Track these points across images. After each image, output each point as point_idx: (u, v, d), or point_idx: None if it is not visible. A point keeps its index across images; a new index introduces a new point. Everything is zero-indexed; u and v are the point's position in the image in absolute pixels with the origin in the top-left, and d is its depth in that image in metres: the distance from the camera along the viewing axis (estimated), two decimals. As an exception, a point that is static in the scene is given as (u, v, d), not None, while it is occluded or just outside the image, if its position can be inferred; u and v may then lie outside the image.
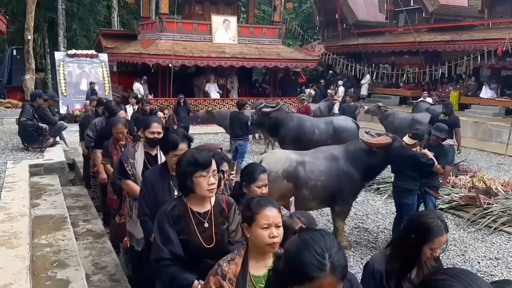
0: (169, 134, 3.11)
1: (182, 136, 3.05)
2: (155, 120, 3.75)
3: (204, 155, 2.44)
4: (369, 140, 5.32)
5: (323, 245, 1.39)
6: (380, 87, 20.22)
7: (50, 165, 7.20)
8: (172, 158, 2.94)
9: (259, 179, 2.97)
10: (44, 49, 23.30)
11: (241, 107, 8.97)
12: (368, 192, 7.70)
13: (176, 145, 2.95)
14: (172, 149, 2.96)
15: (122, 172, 3.67)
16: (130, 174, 3.63)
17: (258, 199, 2.04)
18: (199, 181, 2.39)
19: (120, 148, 4.77)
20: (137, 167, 3.61)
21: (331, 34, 23.74)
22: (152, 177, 3.05)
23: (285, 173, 5.00)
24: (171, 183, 2.98)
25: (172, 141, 2.98)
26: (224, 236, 2.49)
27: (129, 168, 3.62)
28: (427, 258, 2.28)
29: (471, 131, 13.47)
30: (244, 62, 15.45)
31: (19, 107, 13.16)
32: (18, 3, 20.30)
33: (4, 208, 4.80)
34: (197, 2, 16.69)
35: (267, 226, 1.94)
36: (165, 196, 2.92)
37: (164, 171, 3.06)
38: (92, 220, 5.66)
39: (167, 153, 3.01)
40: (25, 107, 8.22)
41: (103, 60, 14.96)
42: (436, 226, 2.23)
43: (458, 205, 6.89)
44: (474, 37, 15.81)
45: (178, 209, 2.47)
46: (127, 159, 3.66)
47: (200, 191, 2.41)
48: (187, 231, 2.44)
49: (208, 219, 2.47)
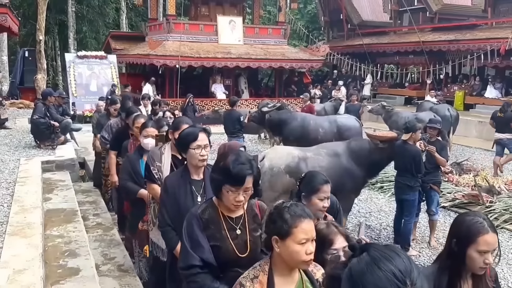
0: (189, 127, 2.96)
1: (200, 127, 2.92)
2: (186, 121, 3.42)
3: (241, 171, 2.15)
4: (374, 134, 5.38)
5: (402, 267, 1.13)
6: (385, 87, 20.27)
7: (61, 161, 7.33)
8: (195, 150, 2.73)
9: (321, 190, 2.61)
10: (54, 51, 23.65)
11: (233, 104, 9.08)
12: (372, 190, 7.76)
13: (196, 135, 2.76)
14: (193, 140, 2.74)
15: (148, 175, 3.42)
16: (156, 178, 3.35)
17: (293, 208, 1.79)
18: (227, 194, 2.19)
19: None
20: (163, 170, 3.33)
21: (336, 34, 23.86)
22: (172, 182, 2.81)
23: (288, 169, 5.08)
24: (193, 188, 2.77)
25: (190, 132, 2.81)
26: (257, 245, 2.23)
27: (155, 171, 3.36)
28: (480, 267, 1.91)
29: (476, 131, 13.46)
30: (250, 62, 15.65)
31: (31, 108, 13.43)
32: (30, 6, 20.71)
33: (18, 201, 4.96)
34: (203, 3, 16.96)
35: (305, 241, 1.73)
36: (188, 203, 2.71)
37: (185, 176, 2.82)
38: (102, 214, 5.81)
39: (187, 147, 2.75)
40: (37, 105, 8.37)
41: (112, 61, 15.22)
42: (477, 223, 1.91)
43: (461, 203, 6.91)
44: (477, 36, 15.84)
45: (209, 212, 2.28)
46: (154, 161, 3.39)
47: (226, 202, 2.23)
48: (218, 237, 2.24)
49: (241, 225, 2.28)
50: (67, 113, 9.34)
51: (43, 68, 14.47)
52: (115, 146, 5.17)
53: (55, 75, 23.31)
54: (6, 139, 8.62)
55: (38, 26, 14.06)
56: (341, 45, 21.75)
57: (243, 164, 2.17)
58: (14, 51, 22.42)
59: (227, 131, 9.13)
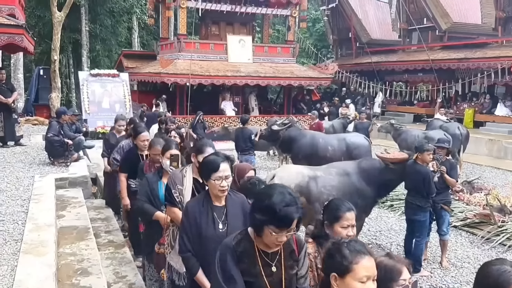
0: (209, 156, 2.87)
1: (222, 156, 2.80)
2: (209, 144, 3.37)
3: (289, 214, 2.01)
4: (385, 155, 5.36)
5: None
6: (394, 105, 20.30)
7: (74, 179, 7.39)
8: (216, 181, 2.68)
9: (344, 217, 2.53)
10: (68, 68, 24.09)
11: (244, 122, 9.23)
12: (382, 209, 7.73)
13: (217, 166, 2.69)
14: (214, 170, 2.68)
15: (168, 199, 3.33)
16: (177, 202, 3.27)
17: (352, 244, 1.73)
18: (269, 234, 2.05)
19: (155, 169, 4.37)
20: (185, 194, 3.27)
21: (345, 53, 24.03)
22: (194, 208, 2.76)
23: (298, 188, 5.08)
24: (215, 214, 2.73)
25: (212, 162, 2.73)
26: (293, 283, 2.19)
27: (177, 194, 3.27)
28: None
29: (486, 149, 13.41)
30: (259, 80, 15.80)
31: (46, 124, 13.64)
32: (45, 25, 21.22)
33: (32, 219, 5.01)
34: (214, 23, 17.24)
35: (366, 279, 1.66)
36: (209, 230, 2.69)
37: (206, 202, 2.76)
38: (114, 231, 5.86)
39: (208, 177, 2.71)
40: (51, 123, 8.47)
41: (124, 79, 15.47)
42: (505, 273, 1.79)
43: (472, 222, 6.85)
44: (488, 54, 15.83)
45: (244, 245, 2.16)
46: (175, 184, 3.30)
47: (266, 240, 2.11)
48: (252, 272, 2.13)
49: (276, 261, 2.16)
50: (80, 131, 9.47)
51: (58, 87, 14.74)
52: (125, 168, 5.01)
53: (69, 92, 23.73)
54: (21, 156, 8.72)
55: (53, 46, 14.38)
56: (350, 63, 21.90)
57: (290, 205, 2.02)
58: (29, 69, 22.90)
59: (238, 149, 9.23)
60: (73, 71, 23.64)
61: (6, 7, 8.60)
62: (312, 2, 26.82)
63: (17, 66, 17.95)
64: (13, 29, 8.29)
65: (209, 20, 17.14)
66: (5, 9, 8.57)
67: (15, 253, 4.06)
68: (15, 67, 18.04)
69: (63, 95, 19.31)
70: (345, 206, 2.61)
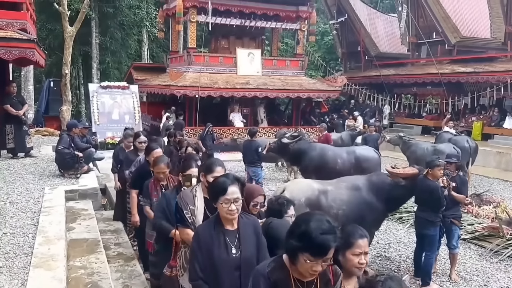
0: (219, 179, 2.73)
1: (231, 178, 2.66)
2: (218, 163, 3.25)
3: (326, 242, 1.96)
4: (395, 171, 5.35)
5: None
6: (402, 117, 20.30)
7: (84, 191, 7.39)
8: (223, 205, 2.58)
9: (356, 245, 2.40)
10: (78, 80, 24.40)
11: (252, 135, 9.31)
12: (391, 221, 7.71)
13: (225, 188, 2.58)
14: (222, 193, 2.58)
15: (180, 219, 3.19)
16: (190, 222, 3.15)
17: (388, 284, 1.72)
18: (303, 262, 2.00)
19: (161, 189, 4.36)
20: (197, 214, 3.16)
21: (353, 65, 24.15)
22: (205, 233, 2.65)
23: (308, 202, 5.11)
24: (227, 239, 2.61)
25: (220, 184, 2.61)
26: None
27: (189, 215, 3.15)
28: None
29: (495, 161, 13.43)
30: (268, 92, 15.88)
31: (55, 135, 13.79)
32: (55, 38, 21.58)
33: (42, 232, 5.02)
34: (223, 36, 17.41)
35: None
36: (222, 255, 2.58)
37: (218, 225, 2.65)
38: (123, 243, 5.87)
39: (216, 200, 2.61)
40: (62, 136, 8.56)
41: (133, 91, 15.64)
42: None
43: (481, 235, 6.88)
44: (497, 68, 15.85)
45: (278, 273, 2.10)
46: (187, 205, 3.18)
47: (300, 268, 2.05)
48: None
49: None
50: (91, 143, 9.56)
51: (68, 100, 14.91)
52: (137, 185, 4.89)
53: (79, 103, 24.01)
54: (31, 168, 8.76)
55: (64, 60, 14.58)
56: (359, 76, 21.98)
57: (327, 233, 1.96)
58: (40, 80, 23.25)
59: (246, 161, 9.30)
60: (83, 83, 23.96)
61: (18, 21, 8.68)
62: (321, 16, 27.04)
63: (27, 77, 18.22)
64: (24, 43, 8.36)
65: (218, 33, 17.32)
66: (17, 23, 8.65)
67: (25, 266, 4.08)
68: (25, 78, 18.31)
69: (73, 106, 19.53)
70: (358, 232, 2.49)
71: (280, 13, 17.08)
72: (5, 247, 4.52)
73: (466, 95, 17.04)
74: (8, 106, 9.38)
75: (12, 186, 7.12)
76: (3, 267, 4.05)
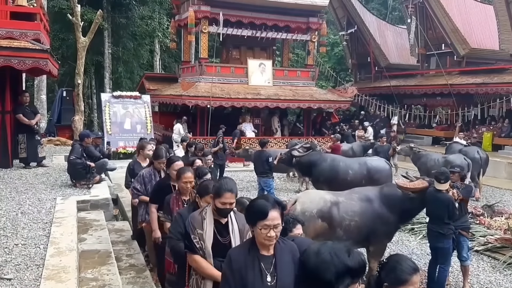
0: (257, 201, 2.53)
1: (272, 202, 2.47)
2: (229, 188, 3.02)
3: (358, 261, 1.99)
4: (405, 185, 5.34)
5: None
6: (412, 127, 20.29)
7: (96, 201, 7.38)
8: (262, 230, 2.38)
9: (410, 282, 2.12)
10: (91, 89, 24.62)
11: (262, 145, 9.36)
12: (403, 233, 7.62)
13: (265, 213, 2.38)
14: (261, 218, 2.38)
15: (188, 245, 3.05)
16: (198, 248, 2.99)
17: None
18: None
19: (183, 204, 4.10)
20: (206, 239, 2.99)
21: (364, 76, 24.23)
22: (238, 258, 2.47)
23: (320, 213, 5.12)
24: (262, 265, 2.42)
25: (260, 208, 2.41)
26: None
27: (196, 240, 3.00)
28: None
29: (506, 172, 13.36)
30: (279, 103, 16.00)
31: (68, 145, 13.94)
32: (68, 48, 21.88)
33: (54, 243, 5.00)
34: (235, 47, 17.63)
35: None
36: (256, 283, 2.39)
37: (253, 250, 2.46)
38: (135, 255, 5.85)
39: (254, 224, 2.42)
40: (74, 146, 8.57)
41: (146, 101, 15.79)
42: None
43: (494, 247, 6.81)
44: (506, 80, 15.82)
45: None
46: (194, 229, 3.02)
47: None
48: None
49: None
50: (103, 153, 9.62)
51: (81, 110, 15.08)
52: (156, 199, 4.69)
53: (91, 112, 24.24)
54: (44, 177, 8.79)
55: (77, 70, 14.80)
56: (369, 87, 22.05)
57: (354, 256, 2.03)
58: (52, 89, 23.53)
59: (257, 171, 9.34)
60: (96, 92, 24.21)
61: (31, 32, 8.80)
62: (331, 27, 27.21)
63: (40, 87, 18.46)
64: (38, 53, 8.49)
65: (230, 44, 17.54)
66: (31, 33, 8.78)
67: (37, 278, 4.07)
68: (38, 88, 18.55)
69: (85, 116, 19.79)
70: (411, 266, 2.17)
71: (291, 24, 17.25)
72: (17, 259, 4.54)
73: (476, 106, 17.05)
74: (20, 116, 9.51)
75: (24, 196, 7.15)
76: (15, 279, 4.05)
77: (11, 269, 4.25)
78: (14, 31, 8.64)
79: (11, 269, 4.26)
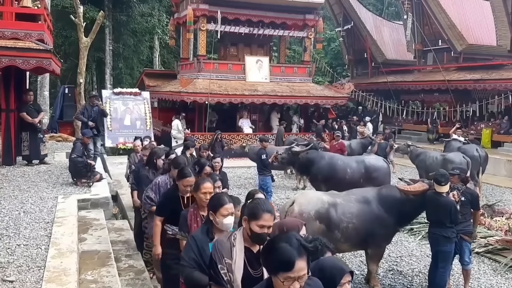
0: (279, 246, 2.00)
1: (297, 247, 1.97)
2: (267, 209, 2.55)
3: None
4: (405, 187, 5.24)
5: None
6: (410, 124, 20.36)
7: (96, 200, 7.44)
8: (284, 282, 1.94)
9: None
10: (92, 85, 24.78)
11: (260, 141, 9.39)
12: (402, 233, 7.41)
13: (291, 264, 1.93)
14: (286, 270, 1.93)
15: (214, 277, 2.54)
16: (226, 281, 2.49)
17: None
18: None
19: (201, 220, 3.47)
20: (235, 270, 2.49)
21: (360, 72, 24.27)
22: None
23: (317, 214, 5.04)
24: None
25: (284, 259, 1.94)
26: None
27: (224, 271, 2.50)
28: None
29: (505, 170, 13.22)
30: (276, 99, 16.08)
31: (69, 141, 14.05)
32: (71, 44, 22.04)
33: (55, 244, 5.02)
34: (232, 44, 17.75)
35: None
36: None
37: None
38: (134, 255, 5.84)
39: (275, 274, 1.97)
40: (75, 144, 8.72)
41: (145, 97, 15.88)
42: None
43: (495, 249, 6.67)
44: (504, 76, 15.84)
45: None
46: (222, 258, 2.53)
47: None
48: None
49: None
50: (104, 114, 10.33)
51: (82, 108, 15.23)
52: (164, 212, 4.20)
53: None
54: (45, 175, 8.88)
55: (79, 70, 14.94)
56: (365, 82, 22.09)
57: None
58: (55, 85, 23.60)
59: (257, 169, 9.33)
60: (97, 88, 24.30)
61: (35, 32, 8.94)
62: (327, 22, 27.20)
63: (43, 83, 18.54)
64: (41, 53, 8.63)
65: (227, 41, 17.63)
66: (35, 34, 8.91)
67: (38, 281, 4.09)
68: (41, 84, 18.64)
69: (87, 112, 19.84)
70: None
71: (288, 22, 17.30)
72: (19, 260, 4.56)
73: (474, 102, 17.06)
74: (24, 114, 9.65)
75: (26, 194, 7.24)
76: (17, 281, 4.07)
77: (13, 271, 4.29)
78: (19, 32, 8.77)
79: (13, 270, 4.30)
